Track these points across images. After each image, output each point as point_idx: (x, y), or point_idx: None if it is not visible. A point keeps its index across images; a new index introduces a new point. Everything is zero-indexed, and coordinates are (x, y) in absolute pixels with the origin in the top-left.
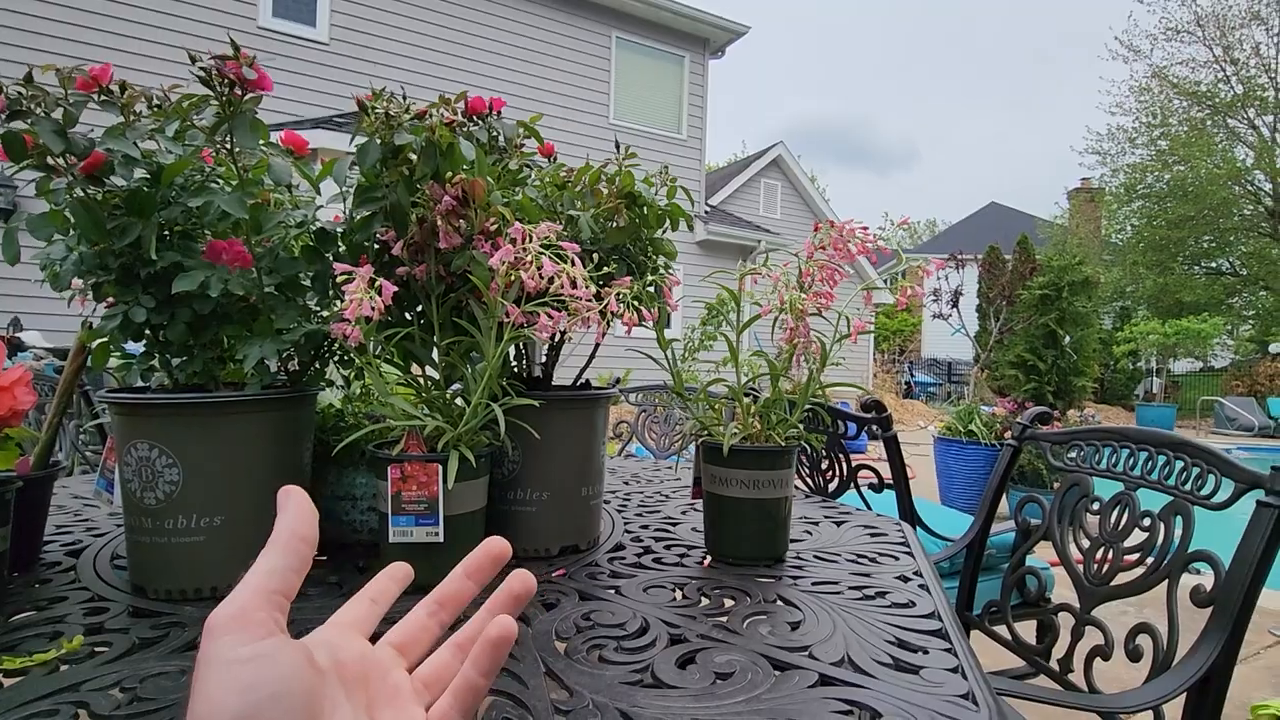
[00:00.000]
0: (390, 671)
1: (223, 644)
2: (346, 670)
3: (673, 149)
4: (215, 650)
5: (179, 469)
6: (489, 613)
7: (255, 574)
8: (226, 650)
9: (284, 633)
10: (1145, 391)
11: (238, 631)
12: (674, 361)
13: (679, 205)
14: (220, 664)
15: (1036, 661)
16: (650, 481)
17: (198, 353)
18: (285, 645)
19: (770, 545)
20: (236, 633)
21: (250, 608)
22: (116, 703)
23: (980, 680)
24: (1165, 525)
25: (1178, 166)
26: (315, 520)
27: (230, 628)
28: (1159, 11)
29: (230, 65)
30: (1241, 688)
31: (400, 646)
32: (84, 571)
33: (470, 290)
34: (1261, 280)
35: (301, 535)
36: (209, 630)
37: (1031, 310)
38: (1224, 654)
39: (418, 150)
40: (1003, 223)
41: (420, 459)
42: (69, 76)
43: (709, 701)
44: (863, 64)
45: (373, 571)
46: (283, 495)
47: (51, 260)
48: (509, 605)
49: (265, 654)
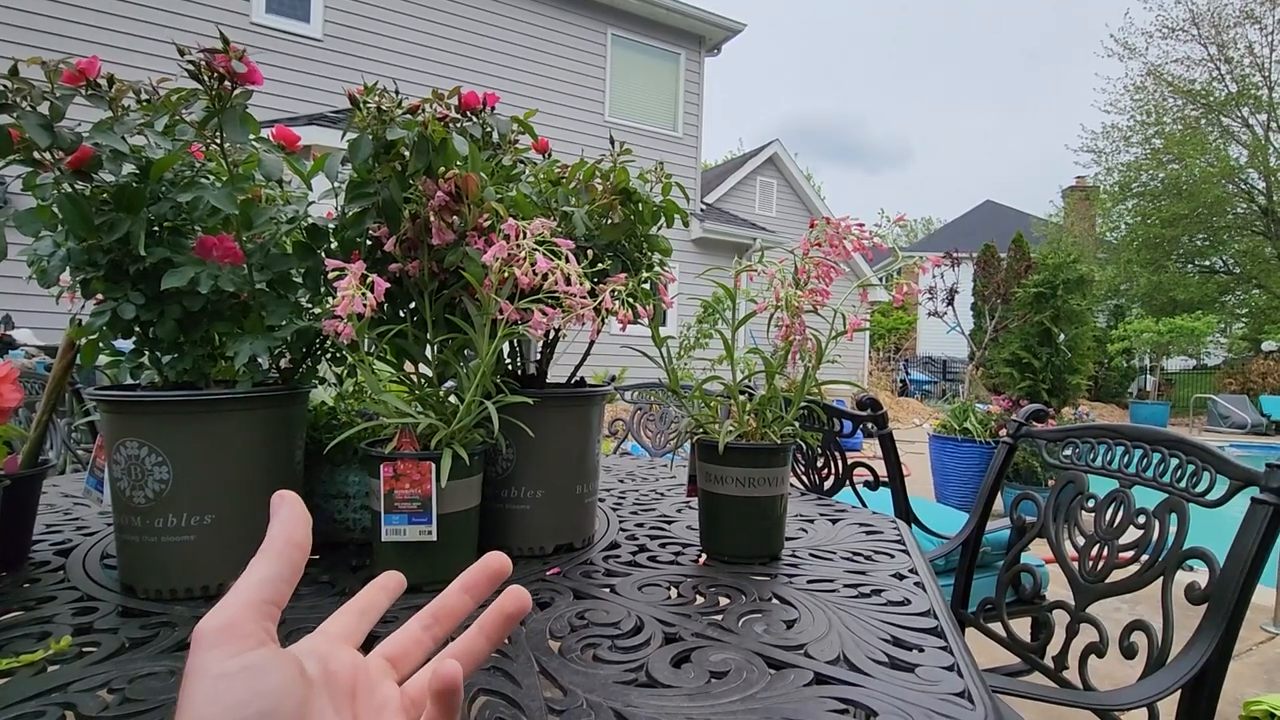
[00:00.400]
0: (379, 684)
1: (211, 656)
2: (335, 681)
3: (668, 146)
4: (203, 663)
5: (169, 467)
6: (480, 630)
7: (246, 583)
8: (215, 663)
9: (274, 642)
10: (1139, 389)
11: (227, 643)
12: (669, 359)
13: (674, 202)
14: (208, 678)
15: (1031, 659)
16: (645, 479)
17: (188, 350)
18: (275, 657)
19: (765, 543)
20: (225, 644)
21: (240, 619)
22: (104, 704)
23: (976, 678)
24: (1160, 522)
25: (1172, 165)
26: (308, 526)
27: (219, 639)
28: (1155, 9)
29: (220, 59)
30: (1235, 684)
31: (392, 659)
32: (73, 571)
33: (463, 287)
34: (1254, 278)
35: (295, 542)
36: (197, 641)
37: (1026, 308)
38: (1218, 651)
39: (410, 145)
40: (998, 221)
41: (413, 457)
42: (55, 70)
43: (704, 700)
44: (856, 61)
45: (366, 570)
46: (276, 500)
47: (39, 256)
48: (500, 625)
49: (254, 666)
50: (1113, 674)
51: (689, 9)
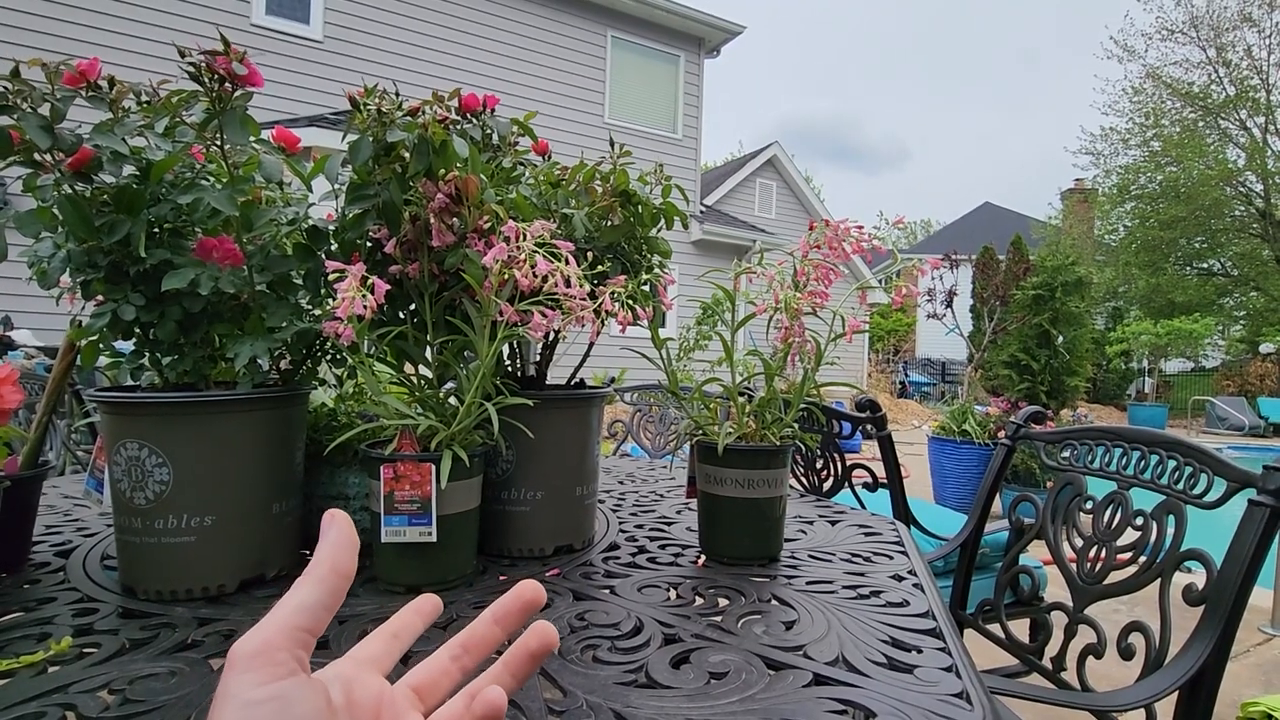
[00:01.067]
0: (404, 715)
1: (243, 681)
2: (360, 712)
3: (668, 148)
4: (234, 687)
5: (169, 469)
6: (506, 668)
7: (285, 608)
8: (245, 689)
9: (305, 670)
10: (1137, 391)
11: (259, 669)
12: (669, 360)
13: (673, 204)
14: (238, 703)
15: (1030, 660)
16: (645, 481)
17: (188, 351)
18: (303, 687)
19: (765, 545)
20: (257, 670)
21: (273, 645)
22: (105, 704)
23: (974, 679)
24: (1158, 524)
25: (1170, 167)
26: (355, 550)
27: (251, 665)
28: (1154, 11)
29: (220, 60)
30: (1232, 685)
31: (419, 689)
32: (73, 572)
33: (463, 289)
34: (1252, 281)
35: (340, 570)
36: (230, 663)
37: (1025, 310)
38: (1216, 652)
39: (410, 147)
40: (997, 223)
41: (413, 458)
42: (56, 71)
43: (703, 701)
44: (854, 62)
45: (366, 571)
46: (326, 520)
47: (39, 258)
48: (526, 664)
49: (283, 696)
50: (1110, 675)
51: (688, 11)
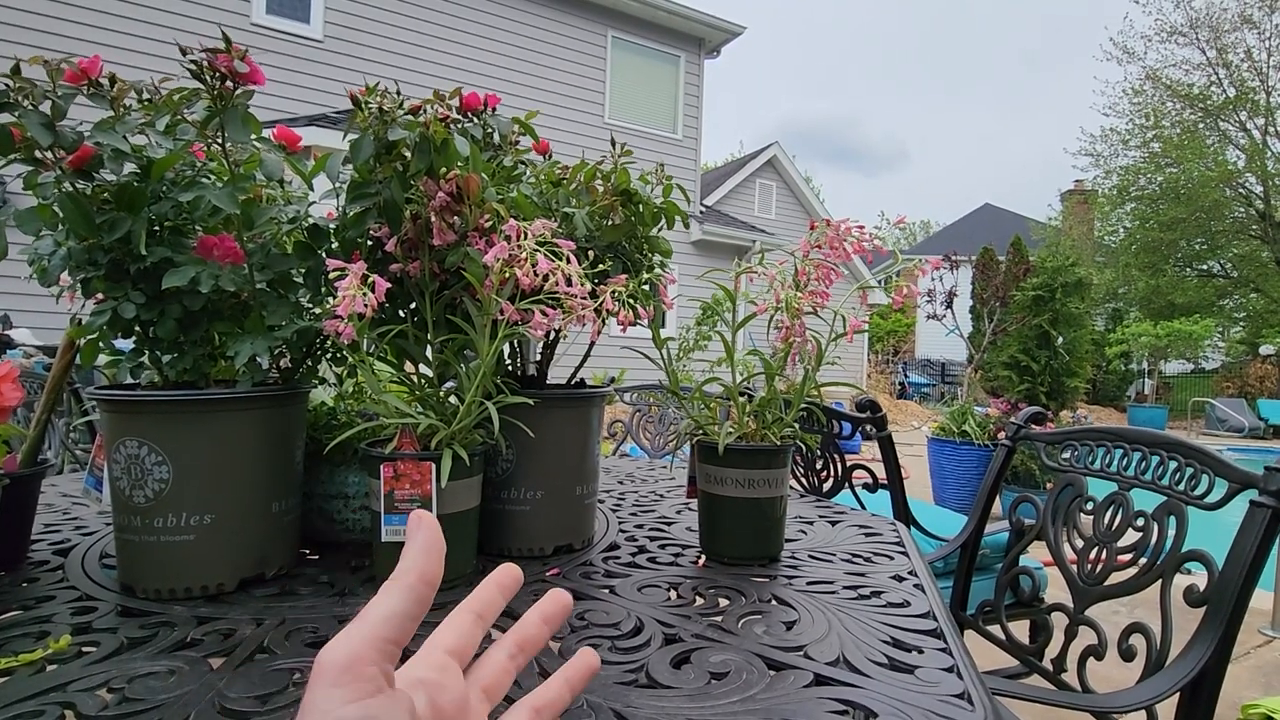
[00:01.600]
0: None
1: (331, 696)
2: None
3: (668, 148)
4: (322, 701)
5: (168, 467)
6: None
7: (372, 617)
8: (334, 705)
9: (391, 685)
10: (1137, 392)
11: (347, 685)
12: (669, 360)
13: (674, 204)
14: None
15: (1030, 661)
16: (645, 481)
17: (188, 349)
18: (391, 706)
19: (765, 545)
20: (345, 686)
21: (362, 659)
22: (104, 703)
23: (975, 680)
24: (1159, 525)
25: (1170, 169)
26: (442, 555)
27: (340, 680)
28: (1154, 13)
29: (221, 59)
30: (1233, 686)
31: (487, 690)
32: (72, 570)
33: (464, 287)
34: (1252, 282)
35: (427, 578)
36: (318, 672)
37: (1025, 311)
38: (1216, 653)
39: (411, 146)
40: (997, 224)
41: (413, 457)
42: (57, 69)
43: (704, 701)
44: (854, 63)
45: (365, 570)
46: (413, 522)
47: (39, 255)
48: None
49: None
50: (1111, 676)
51: (689, 11)
